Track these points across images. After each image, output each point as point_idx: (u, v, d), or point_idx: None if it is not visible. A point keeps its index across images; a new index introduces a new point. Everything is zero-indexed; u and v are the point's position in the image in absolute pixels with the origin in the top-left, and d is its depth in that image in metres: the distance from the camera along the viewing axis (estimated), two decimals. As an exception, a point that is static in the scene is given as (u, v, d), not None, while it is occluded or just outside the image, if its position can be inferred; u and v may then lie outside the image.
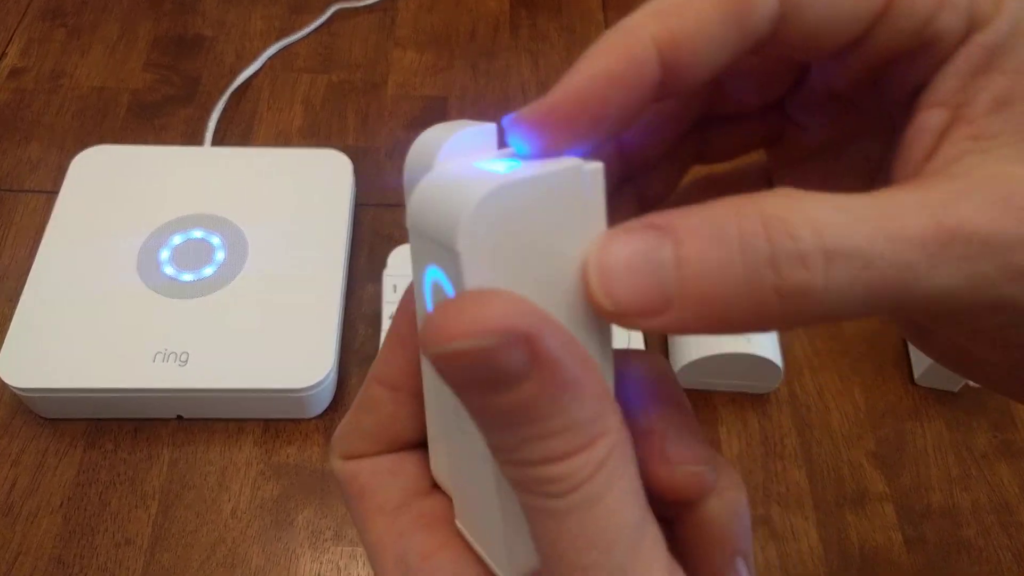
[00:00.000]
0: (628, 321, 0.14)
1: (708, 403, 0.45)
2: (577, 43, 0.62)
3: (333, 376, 0.43)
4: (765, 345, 0.42)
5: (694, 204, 0.13)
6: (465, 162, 0.15)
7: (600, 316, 0.14)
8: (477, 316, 0.12)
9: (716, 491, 0.17)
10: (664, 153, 0.20)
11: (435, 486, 0.19)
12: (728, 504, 0.17)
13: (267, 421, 0.43)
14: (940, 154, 0.15)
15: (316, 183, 0.48)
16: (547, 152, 0.15)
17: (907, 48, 0.15)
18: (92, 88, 0.57)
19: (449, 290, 0.14)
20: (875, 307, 0.13)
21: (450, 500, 0.18)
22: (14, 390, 0.41)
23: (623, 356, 0.17)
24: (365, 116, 0.56)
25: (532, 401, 0.13)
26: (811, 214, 0.13)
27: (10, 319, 0.42)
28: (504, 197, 0.13)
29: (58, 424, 0.43)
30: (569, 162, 0.14)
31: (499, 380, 0.13)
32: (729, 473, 0.17)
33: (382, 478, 0.18)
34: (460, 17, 0.63)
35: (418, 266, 0.15)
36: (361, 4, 0.62)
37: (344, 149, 0.50)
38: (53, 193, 0.48)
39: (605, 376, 0.15)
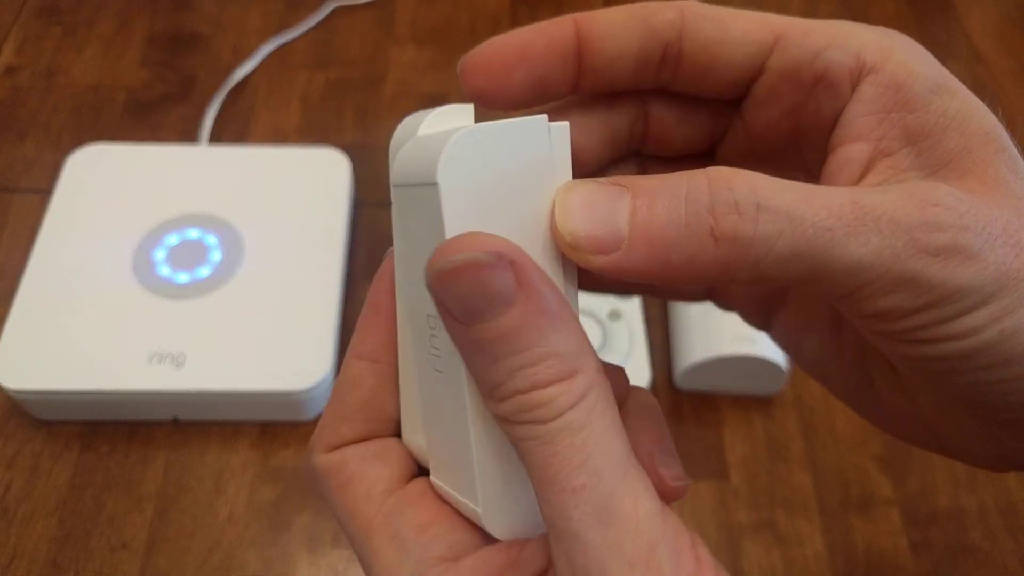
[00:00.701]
0: (583, 256, 0.16)
1: (712, 406, 0.45)
2: (578, 40, 0.61)
3: (331, 378, 0.42)
4: (770, 347, 0.42)
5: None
6: (444, 128, 0.17)
7: (560, 249, 0.16)
8: (473, 241, 0.15)
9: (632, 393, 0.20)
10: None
11: (421, 471, 0.19)
12: (641, 401, 0.19)
13: (264, 423, 0.43)
14: (866, 181, 0.17)
15: (314, 182, 0.48)
16: (495, 103, 0.18)
17: (804, 78, 0.18)
18: (87, 86, 0.56)
19: (432, 240, 0.16)
20: (798, 267, 0.15)
21: None
22: (8, 392, 0.40)
23: (619, 393, 0.19)
24: (363, 114, 0.56)
25: (518, 329, 0.15)
26: (749, 178, 0.15)
27: (4, 320, 0.42)
28: (477, 137, 0.15)
29: (53, 426, 0.42)
30: (537, 118, 0.16)
31: (490, 302, 0.15)
32: (640, 389, 0.20)
33: (369, 464, 0.18)
34: (459, 14, 0.62)
35: (400, 228, 0.17)
36: (359, 1, 0.62)
37: (342, 147, 0.50)
38: (48, 192, 0.47)
39: None
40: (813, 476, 0.42)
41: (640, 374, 0.43)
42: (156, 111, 0.55)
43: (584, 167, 0.21)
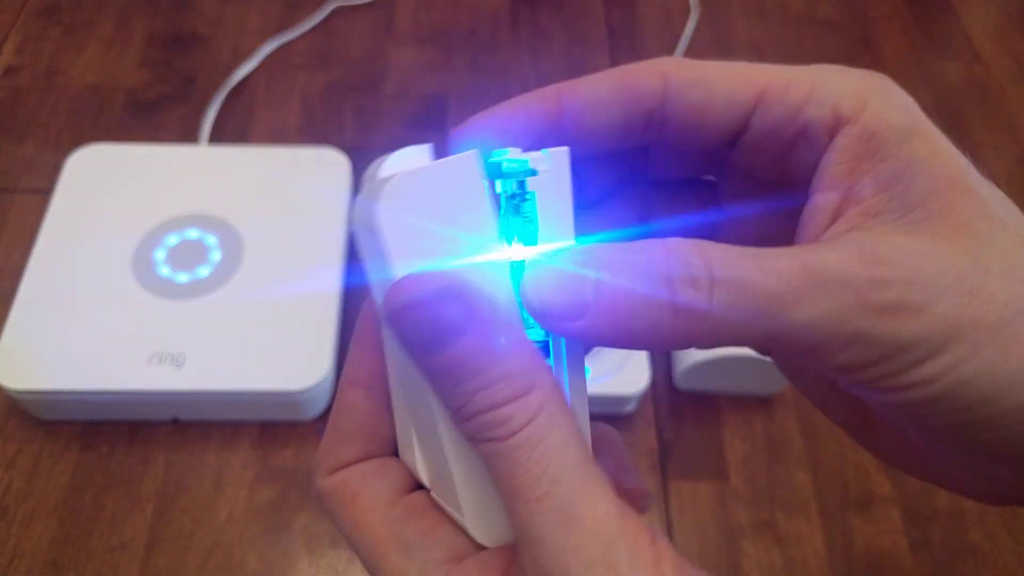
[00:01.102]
0: (551, 322, 0.17)
1: (712, 406, 0.45)
2: (578, 40, 0.61)
3: (331, 378, 0.42)
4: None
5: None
6: (398, 171, 0.18)
7: (531, 315, 0.17)
8: (417, 281, 0.16)
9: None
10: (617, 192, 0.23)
11: (419, 485, 0.20)
12: (599, 431, 0.20)
13: (264, 423, 0.43)
14: (833, 229, 0.18)
15: (313, 182, 0.48)
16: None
17: (786, 133, 0.19)
18: (87, 86, 0.56)
19: (388, 280, 0.17)
20: (754, 332, 0.16)
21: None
22: (9, 392, 0.40)
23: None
24: (363, 114, 0.56)
25: (471, 355, 0.16)
26: (705, 250, 0.16)
27: (4, 320, 0.42)
28: (408, 181, 0.17)
29: (53, 426, 0.42)
30: (466, 154, 0.17)
31: (442, 334, 0.16)
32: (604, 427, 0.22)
33: (370, 480, 0.19)
34: (459, 14, 0.62)
35: (367, 267, 0.18)
36: (359, 1, 0.62)
37: (342, 148, 0.50)
38: (48, 192, 0.47)
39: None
40: (813, 476, 0.42)
41: (640, 374, 0.43)
42: (156, 111, 0.55)
43: (589, 192, 0.22)
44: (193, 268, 0.44)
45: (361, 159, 0.52)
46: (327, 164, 0.49)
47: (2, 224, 0.49)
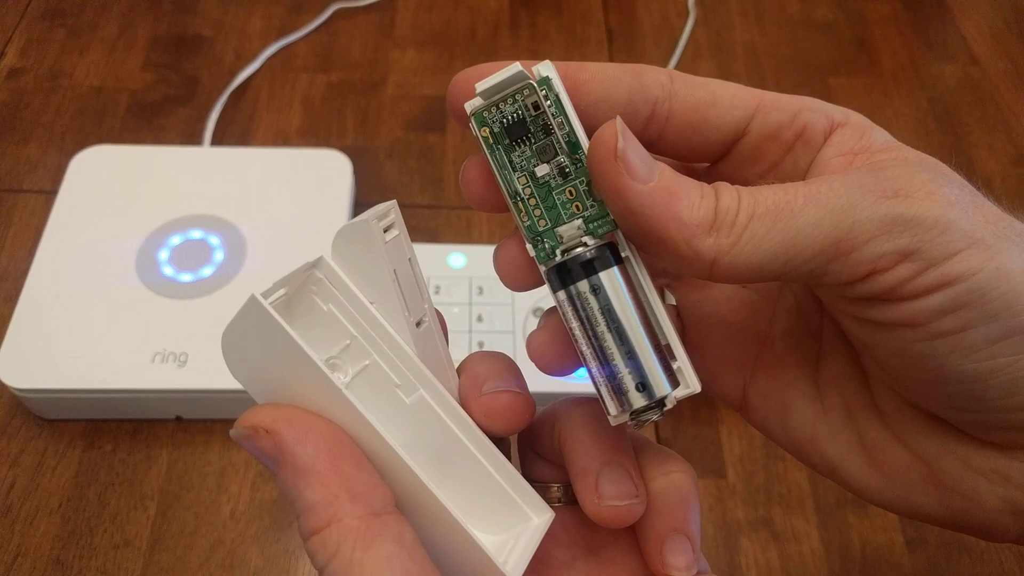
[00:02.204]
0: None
1: (710, 404, 0.45)
2: (577, 42, 0.62)
3: (332, 377, 0.42)
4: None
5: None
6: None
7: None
8: (249, 415, 0.19)
9: (664, 472, 0.21)
10: None
11: None
12: (672, 483, 0.21)
13: (266, 422, 0.43)
14: None
15: (315, 183, 0.48)
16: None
17: (785, 136, 0.20)
18: (91, 88, 0.57)
19: None
20: (779, 252, 0.17)
21: None
22: (13, 391, 0.41)
23: (572, 403, 0.22)
24: (364, 116, 0.56)
25: (285, 484, 0.18)
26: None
27: (9, 319, 0.42)
28: (230, 329, 0.20)
29: (57, 425, 0.43)
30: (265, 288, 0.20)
31: (267, 462, 0.18)
32: (678, 460, 0.22)
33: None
34: (460, 16, 0.63)
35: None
36: (360, 4, 0.62)
37: (343, 149, 0.50)
38: (52, 193, 0.48)
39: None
40: (809, 473, 0.43)
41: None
42: (159, 113, 0.56)
43: None
44: (196, 268, 0.44)
45: (362, 160, 0.52)
46: (329, 165, 0.49)
47: (7, 224, 0.50)
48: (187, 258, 0.45)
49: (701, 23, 0.63)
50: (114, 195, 0.47)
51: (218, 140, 0.54)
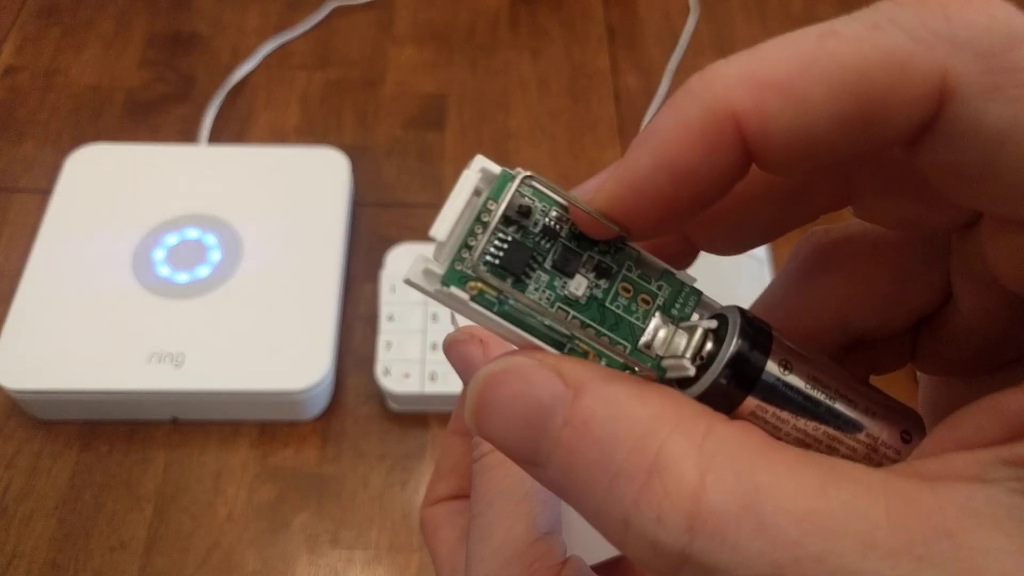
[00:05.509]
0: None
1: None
2: (577, 39, 0.61)
3: (330, 378, 0.42)
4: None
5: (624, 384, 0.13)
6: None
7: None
8: (454, 333, 0.21)
9: None
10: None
11: None
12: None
13: (263, 423, 0.43)
14: None
15: (313, 182, 0.48)
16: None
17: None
18: (87, 86, 0.56)
19: None
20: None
21: None
22: (8, 391, 0.40)
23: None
24: (363, 114, 0.56)
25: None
26: (704, 501, 0.11)
27: (4, 320, 0.42)
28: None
29: (52, 426, 0.42)
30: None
31: (466, 366, 0.21)
32: None
33: (452, 517, 0.22)
34: (459, 13, 0.62)
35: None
36: (359, 1, 0.62)
37: (341, 147, 0.50)
38: (47, 192, 0.47)
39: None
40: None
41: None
42: (155, 111, 0.55)
43: None
44: (192, 268, 0.44)
45: (360, 159, 0.52)
46: (326, 164, 0.49)
47: (1, 224, 0.50)
48: (183, 258, 0.44)
49: (703, 20, 0.63)
50: (110, 194, 0.46)
51: (215, 139, 0.54)
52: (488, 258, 0.14)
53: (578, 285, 0.14)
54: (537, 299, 0.14)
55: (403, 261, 0.46)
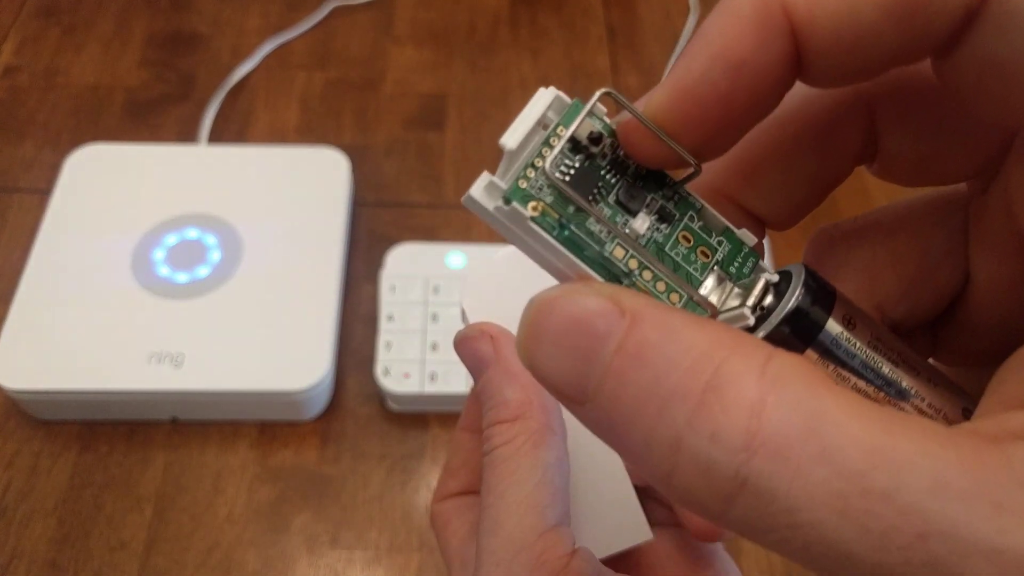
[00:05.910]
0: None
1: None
2: (577, 39, 0.61)
3: (330, 378, 0.42)
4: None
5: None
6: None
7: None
8: (473, 327, 0.22)
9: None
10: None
11: None
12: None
13: (263, 423, 0.43)
14: None
15: (313, 182, 0.48)
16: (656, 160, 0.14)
17: None
18: (86, 86, 0.56)
19: None
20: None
21: None
22: (8, 392, 0.40)
23: None
24: (363, 114, 0.56)
25: (491, 382, 0.21)
26: (765, 418, 0.10)
27: (3, 320, 0.42)
28: (486, 269, 0.22)
29: (52, 426, 0.42)
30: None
31: (478, 363, 0.21)
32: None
33: (462, 512, 0.23)
34: (459, 13, 0.62)
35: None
36: (358, 1, 0.62)
37: (341, 147, 0.50)
38: (47, 192, 0.47)
39: None
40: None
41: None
42: (155, 111, 0.55)
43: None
44: (192, 268, 0.44)
45: (360, 158, 0.52)
46: (326, 164, 0.49)
47: (1, 224, 0.49)
48: (183, 258, 0.44)
49: (703, 20, 0.63)
50: (109, 194, 0.46)
51: (215, 138, 0.54)
52: (558, 175, 0.13)
53: (641, 224, 0.14)
54: (595, 230, 0.13)
55: (403, 261, 0.46)
